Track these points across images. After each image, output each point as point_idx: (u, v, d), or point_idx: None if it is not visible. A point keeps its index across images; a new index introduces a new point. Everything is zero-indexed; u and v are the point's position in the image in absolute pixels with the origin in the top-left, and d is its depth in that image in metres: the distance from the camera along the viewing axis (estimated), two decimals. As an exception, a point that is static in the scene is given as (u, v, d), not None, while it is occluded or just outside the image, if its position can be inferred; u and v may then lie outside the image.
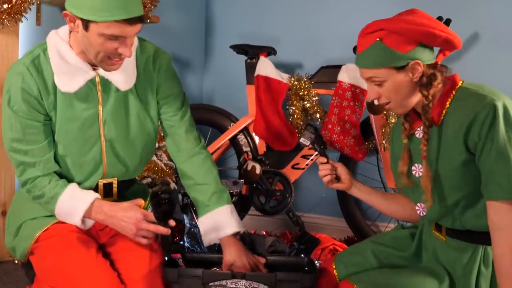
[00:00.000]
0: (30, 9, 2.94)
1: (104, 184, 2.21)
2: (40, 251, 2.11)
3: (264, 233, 3.60)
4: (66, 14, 1.96)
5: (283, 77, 3.47)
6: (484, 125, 1.74)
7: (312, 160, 3.43)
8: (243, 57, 3.59)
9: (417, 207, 1.98)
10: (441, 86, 1.89)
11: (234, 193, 3.22)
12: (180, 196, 2.90)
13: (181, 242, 3.02)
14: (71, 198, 2.08)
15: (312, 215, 3.81)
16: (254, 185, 3.46)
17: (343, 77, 3.31)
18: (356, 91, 3.30)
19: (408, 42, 1.81)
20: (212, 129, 3.79)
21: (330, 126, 3.33)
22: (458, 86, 1.87)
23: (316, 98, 3.42)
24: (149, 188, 2.20)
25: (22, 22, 2.97)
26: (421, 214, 1.98)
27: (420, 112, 1.91)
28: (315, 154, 3.39)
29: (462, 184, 1.84)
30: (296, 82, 3.43)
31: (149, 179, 3.19)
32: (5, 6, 2.84)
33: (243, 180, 3.35)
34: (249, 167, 3.45)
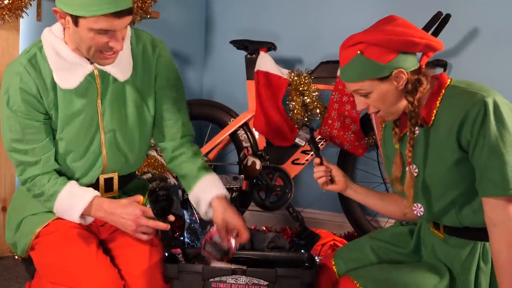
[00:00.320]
0: (31, 5, 2.95)
1: (105, 179, 2.22)
2: (41, 247, 2.11)
3: (264, 229, 3.61)
4: (56, 11, 1.96)
5: (283, 73, 3.47)
6: (476, 123, 1.74)
7: (312, 156, 3.43)
8: (243, 53, 3.59)
9: (414, 208, 1.98)
10: (429, 87, 1.88)
11: (234, 189, 3.22)
12: (180, 192, 2.89)
13: (181, 238, 3.03)
14: (70, 196, 2.09)
15: (312, 211, 3.81)
16: (254, 181, 3.46)
17: (343, 73, 3.31)
18: (356, 87, 3.30)
19: (389, 52, 1.80)
20: (212, 125, 3.79)
21: (330, 122, 3.33)
22: (447, 85, 1.87)
23: (316, 94, 3.42)
24: (149, 184, 2.21)
25: (23, 18, 2.97)
26: (418, 214, 1.98)
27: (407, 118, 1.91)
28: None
29: (458, 182, 1.84)
30: (296, 78, 3.43)
31: (149, 175, 3.19)
32: (6, 2, 2.84)
33: (243, 176, 3.34)
34: (249, 163, 3.45)
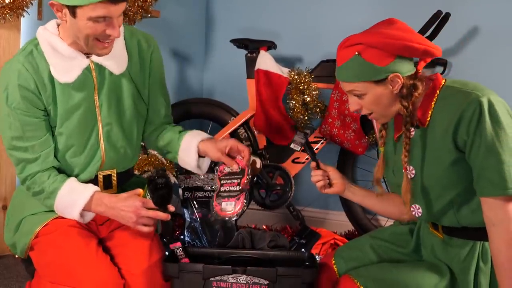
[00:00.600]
0: (32, 4, 2.95)
1: (104, 176, 2.23)
2: (40, 246, 2.12)
3: (265, 228, 3.60)
4: (53, 4, 1.98)
5: (283, 71, 3.47)
6: (471, 123, 1.74)
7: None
8: (244, 51, 3.59)
9: (412, 208, 1.98)
10: (424, 89, 1.88)
11: (234, 188, 3.21)
12: (181, 191, 2.89)
13: (182, 237, 3.02)
14: (70, 192, 2.09)
15: (313, 209, 3.81)
16: (255, 179, 3.46)
17: (343, 71, 3.31)
18: (357, 86, 3.30)
19: (387, 56, 1.80)
20: (213, 123, 3.79)
21: (331, 120, 3.33)
22: (442, 85, 1.87)
23: (316, 92, 3.42)
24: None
25: (24, 17, 2.97)
26: (417, 215, 1.98)
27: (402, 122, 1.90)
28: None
29: (455, 182, 1.84)
30: (297, 76, 3.42)
31: (149, 173, 3.19)
32: (7, 1, 2.84)
33: (243, 175, 3.35)
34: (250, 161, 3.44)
